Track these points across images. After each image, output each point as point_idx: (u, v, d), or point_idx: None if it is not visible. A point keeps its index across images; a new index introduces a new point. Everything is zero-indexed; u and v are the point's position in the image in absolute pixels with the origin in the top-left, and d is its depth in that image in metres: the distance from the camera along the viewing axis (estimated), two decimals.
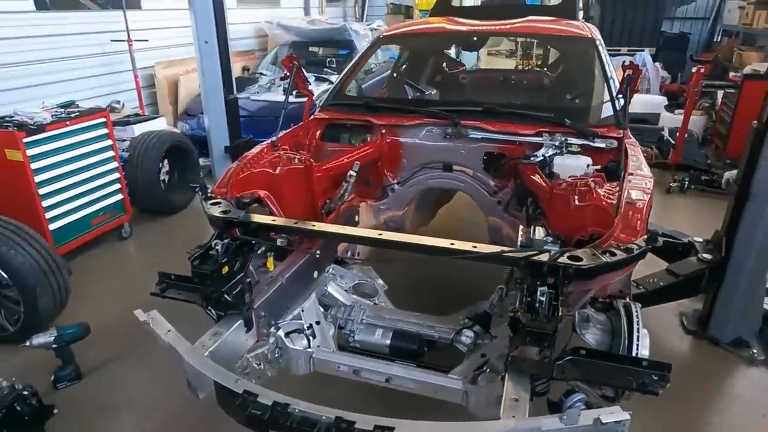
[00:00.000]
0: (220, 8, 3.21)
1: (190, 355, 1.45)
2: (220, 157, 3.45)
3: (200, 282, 1.62)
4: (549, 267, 1.43)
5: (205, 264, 1.62)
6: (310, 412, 1.24)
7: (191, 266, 1.63)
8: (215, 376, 1.38)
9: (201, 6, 3.13)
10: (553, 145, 2.31)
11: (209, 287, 1.63)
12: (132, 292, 3.27)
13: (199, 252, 1.65)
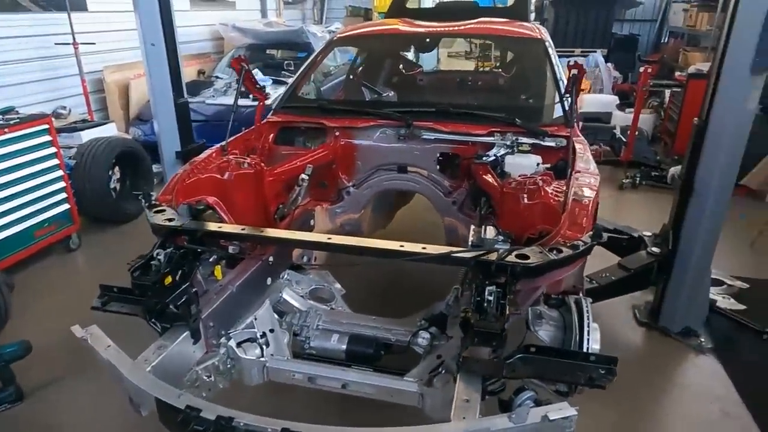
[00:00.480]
0: (167, 8, 3.11)
1: (130, 371, 1.38)
2: (171, 162, 3.34)
3: (141, 294, 1.55)
4: (497, 266, 1.43)
5: (146, 275, 1.55)
6: (255, 425, 1.20)
7: (131, 277, 1.56)
8: (155, 392, 1.32)
9: (146, 6, 3.02)
10: (505, 144, 2.33)
11: (151, 299, 1.56)
12: (79, 307, 3.09)
13: (140, 262, 1.58)
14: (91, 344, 1.48)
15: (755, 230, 4.05)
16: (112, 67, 5.81)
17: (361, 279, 3.12)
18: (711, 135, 2.57)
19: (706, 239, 2.74)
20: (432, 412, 1.71)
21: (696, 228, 2.73)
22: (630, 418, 2.42)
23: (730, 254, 3.71)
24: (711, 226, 2.72)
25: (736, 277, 3.51)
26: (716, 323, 3.05)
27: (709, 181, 2.63)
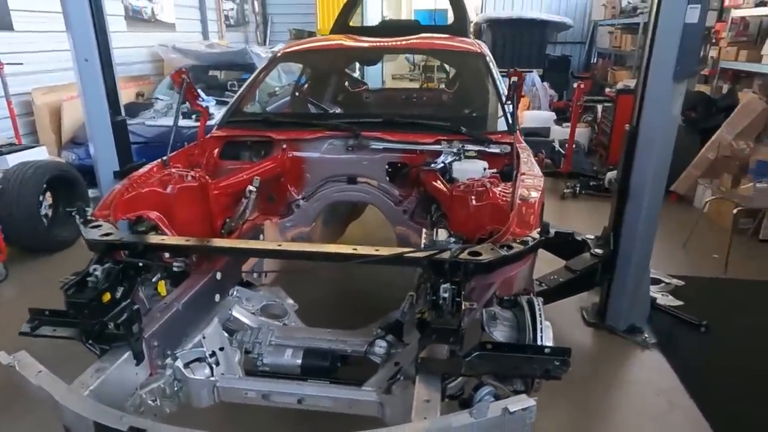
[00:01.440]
0: (101, 22, 2.99)
1: (64, 396, 1.27)
2: (108, 183, 3.16)
3: (77, 313, 1.44)
4: (450, 264, 1.44)
5: (81, 292, 1.44)
6: None
7: (65, 296, 1.45)
8: (94, 416, 1.21)
9: (78, 20, 2.89)
10: (452, 152, 2.38)
11: (88, 318, 1.46)
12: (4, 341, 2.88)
13: (75, 280, 1.47)
14: (20, 371, 1.35)
15: (687, 232, 4.31)
16: (43, 89, 5.52)
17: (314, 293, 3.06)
18: (642, 139, 2.73)
19: (644, 238, 2.88)
20: (392, 420, 1.67)
21: (634, 228, 2.87)
22: (584, 414, 2.48)
23: (665, 255, 3.92)
24: (647, 225, 2.86)
25: (672, 275, 3.71)
26: (658, 319, 3.19)
27: (643, 183, 2.78)
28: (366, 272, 3.52)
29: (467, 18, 3.98)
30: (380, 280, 3.33)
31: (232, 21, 10.68)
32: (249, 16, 11.41)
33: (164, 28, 8.10)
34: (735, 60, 5.62)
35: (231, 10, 10.60)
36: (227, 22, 10.35)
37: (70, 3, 2.91)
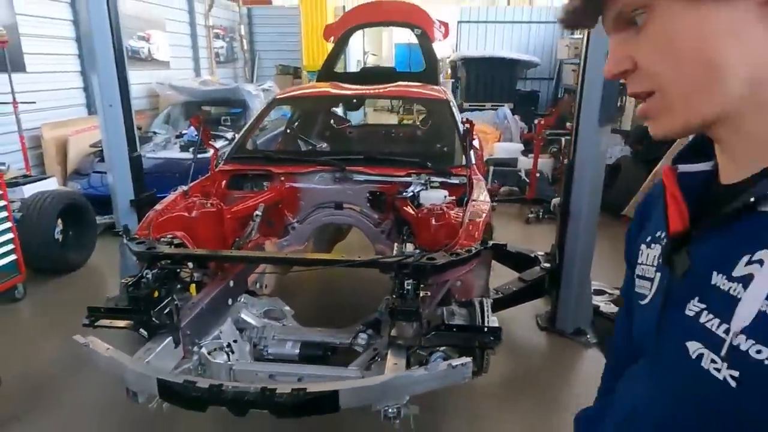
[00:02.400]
0: (123, 72, 3.52)
1: (132, 362, 1.74)
2: (125, 211, 3.64)
3: (135, 305, 1.92)
4: (413, 266, 1.96)
5: (138, 290, 1.93)
6: (240, 387, 1.61)
7: (127, 292, 1.93)
8: (157, 374, 1.69)
9: (105, 71, 3.42)
10: (420, 182, 2.93)
11: (143, 309, 1.94)
12: (28, 354, 3.31)
13: (133, 280, 1.96)
14: (93, 348, 1.83)
15: None
16: (51, 124, 5.98)
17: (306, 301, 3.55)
18: (577, 171, 3.32)
19: (583, 252, 3.45)
20: None
21: (575, 244, 3.44)
22: (541, 404, 2.96)
23: (609, 269, 4.50)
24: (586, 241, 3.44)
25: (616, 287, 4.29)
26: (600, 324, 3.74)
27: (580, 206, 3.37)
28: (350, 283, 4.05)
29: (437, 66, 4.62)
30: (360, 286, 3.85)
31: (222, 58, 11.31)
32: (238, 53, 12.07)
33: (159, 66, 8.66)
34: None
35: (221, 48, 11.24)
36: (218, 59, 10.98)
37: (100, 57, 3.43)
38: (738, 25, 0.49)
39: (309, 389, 1.63)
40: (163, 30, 8.76)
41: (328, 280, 4.27)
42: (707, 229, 0.56)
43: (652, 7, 0.52)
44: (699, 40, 0.50)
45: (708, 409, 0.53)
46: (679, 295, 0.57)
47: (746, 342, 0.48)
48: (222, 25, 11.25)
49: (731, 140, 0.55)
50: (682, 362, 0.55)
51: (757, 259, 0.49)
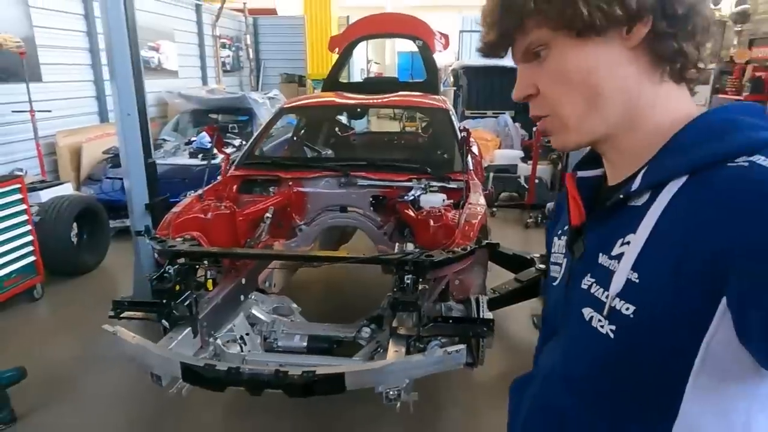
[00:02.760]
0: (140, 83, 3.73)
1: (157, 348, 1.92)
2: (140, 214, 3.84)
3: (158, 297, 2.10)
4: (413, 262, 2.14)
5: (162, 283, 2.11)
6: (256, 369, 1.79)
7: (151, 286, 2.11)
8: (180, 358, 1.87)
9: (123, 82, 3.62)
10: (420, 187, 3.12)
11: (164, 302, 2.12)
12: (48, 350, 3.50)
13: (156, 275, 2.14)
14: (121, 336, 2.01)
15: None
16: (65, 132, 6.20)
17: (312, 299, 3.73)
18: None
19: None
20: None
21: None
22: None
23: None
24: None
25: None
26: None
27: None
28: (352, 283, 4.23)
29: (438, 76, 4.82)
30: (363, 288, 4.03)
31: (228, 67, 11.56)
32: (243, 62, 12.32)
33: (168, 75, 8.90)
34: None
35: (227, 57, 11.50)
36: (224, 68, 11.23)
37: (118, 69, 3.64)
38: (614, 62, 0.64)
39: (318, 371, 1.81)
40: (172, 40, 9.01)
41: (332, 280, 4.45)
42: (594, 221, 0.71)
43: (551, 45, 0.65)
44: (586, 73, 0.64)
45: (599, 360, 0.67)
46: (578, 273, 0.72)
47: (620, 302, 0.63)
48: (228, 35, 11.51)
49: (612, 153, 0.71)
50: (580, 325, 0.69)
51: (626, 241, 0.64)
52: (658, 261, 0.60)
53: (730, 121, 0.63)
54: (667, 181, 0.62)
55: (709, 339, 0.57)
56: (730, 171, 0.56)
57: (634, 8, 0.61)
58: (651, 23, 0.62)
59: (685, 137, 0.64)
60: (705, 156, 0.59)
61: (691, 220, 0.58)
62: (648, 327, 0.60)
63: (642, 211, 0.63)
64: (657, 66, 0.65)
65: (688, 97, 0.69)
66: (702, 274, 0.55)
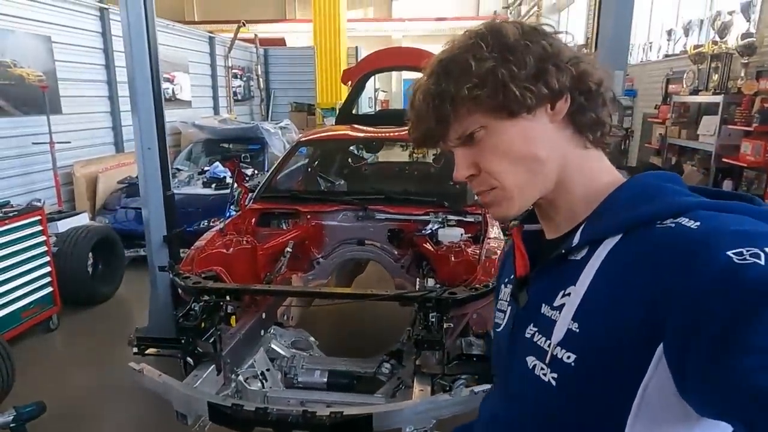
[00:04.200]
0: (161, 115, 3.80)
1: (183, 387, 1.93)
2: (158, 245, 3.87)
3: (184, 334, 2.12)
4: (436, 299, 2.15)
5: (188, 320, 2.13)
6: (284, 410, 1.79)
7: (177, 324, 2.13)
8: (208, 398, 1.88)
9: (144, 115, 3.70)
10: (437, 221, 3.14)
11: (189, 339, 2.14)
12: (65, 382, 3.50)
13: (183, 312, 2.16)
14: (147, 374, 2.02)
15: None
16: (82, 162, 6.31)
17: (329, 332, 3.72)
18: None
19: None
20: None
21: None
22: None
23: None
24: None
25: None
26: None
27: None
28: (367, 315, 4.22)
29: None
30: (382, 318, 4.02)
31: (240, 96, 11.79)
32: (254, 91, 12.56)
33: (182, 106, 9.09)
34: (678, 138, 6.60)
35: (238, 87, 11.74)
36: (235, 98, 11.45)
37: (140, 102, 3.73)
38: (545, 134, 0.72)
39: (345, 412, 1.81)
40: (186, 72, 9.22)
41: (348, 312, 4.44)
42: (538, 273, 0.76)
43: (487, 126, 0.72)
44: (524, 145, 0.71)
45: (542, 406, 0.70)
46: (522, 322, 0.76)
47: (561, 351, 0.66)
48: (240, 65, 11.77)
49: (549, 212, 0.77)
50: (524, 372, 0.72)
51: (567, 292, 0.68)
52: (597, 312, 0.64)
53: (657, 187, 0.70)
54: (604, 238, 0.67)
55: (645, 384, 0.60)
56: (659, 230, 0.62)
57: (556, 87, 0.69)
58: (570, 99, 0.71)
59: (619, 199, 0.70)
60: (637, 217, 0.65)
61: (626, 274, 0.62)
62: (588, 374, 0.64)
63: (581, 264, 0.68)
64: (581, 135, 0.74)
65: (609, 164, 0.77)
66: (637, 324, 0.59)
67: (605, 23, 2.26)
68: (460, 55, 0.70)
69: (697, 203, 0.64)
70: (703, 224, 0.59)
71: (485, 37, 0.70)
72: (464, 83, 0.69)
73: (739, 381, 0.49)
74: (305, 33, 19.13)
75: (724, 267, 0.53)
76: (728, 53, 5.75)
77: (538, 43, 0.70)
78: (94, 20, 6.79)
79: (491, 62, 0.68)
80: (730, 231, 0.57)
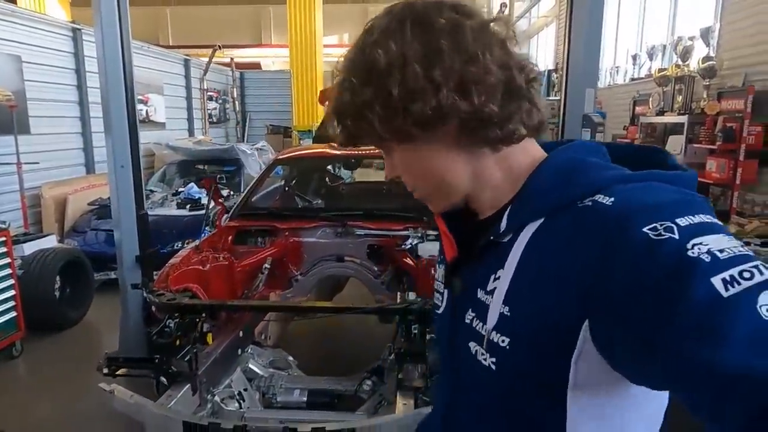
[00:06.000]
0: (135, 132, 3.72)
1: (157, 407, 1.85)
2: (130, 266, 3.74)
3: (158, 352, 2.04)
4: (419, 312, 2.13)
5: (162, 337, 2.06)
6: (264, 427, 1.72)
7: (152, 341, 2.05)
8: (184, 418, 1.80)
9: (118, 133, 3.62)
10: (417, 236, 3.14)
11: (163, 358, 2.05)
12: (27, 411, 3.33)
13: (157, 330, 2.08)
14: (118, 395, 1.93)
15: None
16: (51, 184, 6.14)
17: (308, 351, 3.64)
18: None
19: None
20: None
21: None
22: None
23: None
24: None
25: None
26: None
27: None
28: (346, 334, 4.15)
29: None
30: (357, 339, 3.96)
31: (215, 119, 11.73)
32: (230, 114, 12.51)
33: (156, 127, 8.97)
34: None
35: (214, 109, 11.68)
36: (210, 120, 11.38)
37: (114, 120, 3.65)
38: (442, 154, 0.71)
39: (327, 427, 1.75)
40: (161, 93, 9.14)
41: (326, 331, 4.36)
42: (470, 258, 0.75)
43: (386, 146, 0.74)
44: (423, 167, 0.72)
45: (486, 392, 0.71)
46: (460, 307, 0.75)
47: (496, 335, 0.67)
48: (215, 88, 11.74)
49: (475, 203, 0.76)
50: (468, 358, 0.72)
51: (497, 276, 0.69)
52: (524, 294, 0.65)
53: (576, 162, 0.69)
54: (527, 222, 0.68)
55: (576, 358, 0.61)
56: (578, 210, 0.63)
57: (425, 121, 0.66)
58: (453, 124, 0.68)
59: (538, 182, 0.70)
60: (555, 201, 0.66)
61: (550, 256, 0.63)
62: (522, 356, 0.65)
63: (507, 248, 0.69)
64: (480, 146, 0.71)
65: (530, 143, 0.74)
66: (562, 306, 0.60)
67: (576, 44, 2.34)
68: (340, 84, 0.71)
69: (613, 177, 0.64)
70: (617, 199, 0.60)
71: (355, 65, 0.69)
72: (346, 115, 0.71)
73: (670, 360, 0.51)
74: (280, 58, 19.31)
75: (642, 243, 0.54)
76: (691, 76, 6.00)
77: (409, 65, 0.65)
78: (66, 40, 6.71)
79: (360, 97, 0.68)
80: (644, 205, 0.58)
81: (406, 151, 0.72)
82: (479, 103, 0.66)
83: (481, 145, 0.70)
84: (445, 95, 0.65)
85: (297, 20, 12.98)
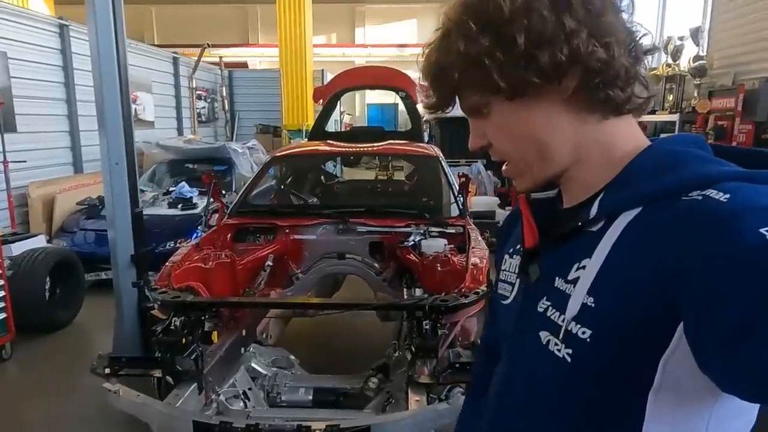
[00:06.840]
0: (130, 129, 3.65)
1: (164, 406, 1.80)
2: (125, 265, 3.67)
3: (163, 351, 1.99)
4: (429, 307, 2.11)
5: (168, 336, 2.01)
6: (277, 425, 1.69)
7: (158, 340, 2.00)
8: (193, 417, 1.75)
9: (112, 128, 3.55)
10: (420, 232, 3.12)
11: (167, 357, 2.01)
12: (16, 415, 3.25)
13: (162, 328, 2.03)
14: (124, 395, 1.88)
15: None
16: (38, 183, 6.00)
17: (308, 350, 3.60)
18: None
19: None
20: None
21: None
22: None
23: None
24: None
25: None
26: None
27: None
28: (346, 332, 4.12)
29: (422, 125, 4.95)
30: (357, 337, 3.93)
31: (204, 118, 11.60)
32: (219, 113, 12.39)
33: (145, 126, 8.84)
34: None
35: (203, 108, 11.56)
36: (199, 119, 11.25)
37: (109, 117, 3.58)
38: (551, 114, 0.67)
39: (342, 425, 1.72)
40: (150, 92, 9.01)
41: (326, 330, 4.32)
42: (551, 245, 0.72)
43: (490, 105, 0.69)
44: (526, 128, 0.68)
45: (557, 383, 0.68)
46: (533, 295, 0.72)
47: (576, 326, 0.63)
48: (204, 87, 11.61)
49: (567, 183, 0.73)
50: (537, 348, 0.69)
51: (582, 265, 0.65)
52: (613, 287, 0.62)
53: (679, 154, 0.66)
54: (622, 210, 0.64)
55: (666, 359, 0.58)
56: (685, 203, 0.58)
57: (551, 70, 0.63)
58: (577, 77, 0.65)
59: (638, 169, 0.66)
60: (658, 190, 0.62)
61: (646, 249, 0.59)
62: (604, 350, 0.62)
63: (597, 237, 0.65)
64: (593, 109, 0.68)
65: (635, 127, 0.72)
66: (656, 300, 0.57)
67: None
68: (451, 32, 0.67)
69: (724, 173, 0.61)
70: (732, 197, 0.56)
71: (475, 11, 0.66)
72: (455, 68, 0.67)
73: (761, 368, 0.48)
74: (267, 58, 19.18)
75: (757, 244, 0.51)
76: (681, 75, 6.08)
77: (535, 11, 0.63)
78: (53, 37, 6.57)
79: (477, 46, 0.64)
80: (761, 206, 0.54)
81: (510, 109, 0.67)
82: (617, 54, 0.63)
83: (595, 107, 0.67)
84: (584, 41, 0.62)
85: (286, 19, 12.89)
